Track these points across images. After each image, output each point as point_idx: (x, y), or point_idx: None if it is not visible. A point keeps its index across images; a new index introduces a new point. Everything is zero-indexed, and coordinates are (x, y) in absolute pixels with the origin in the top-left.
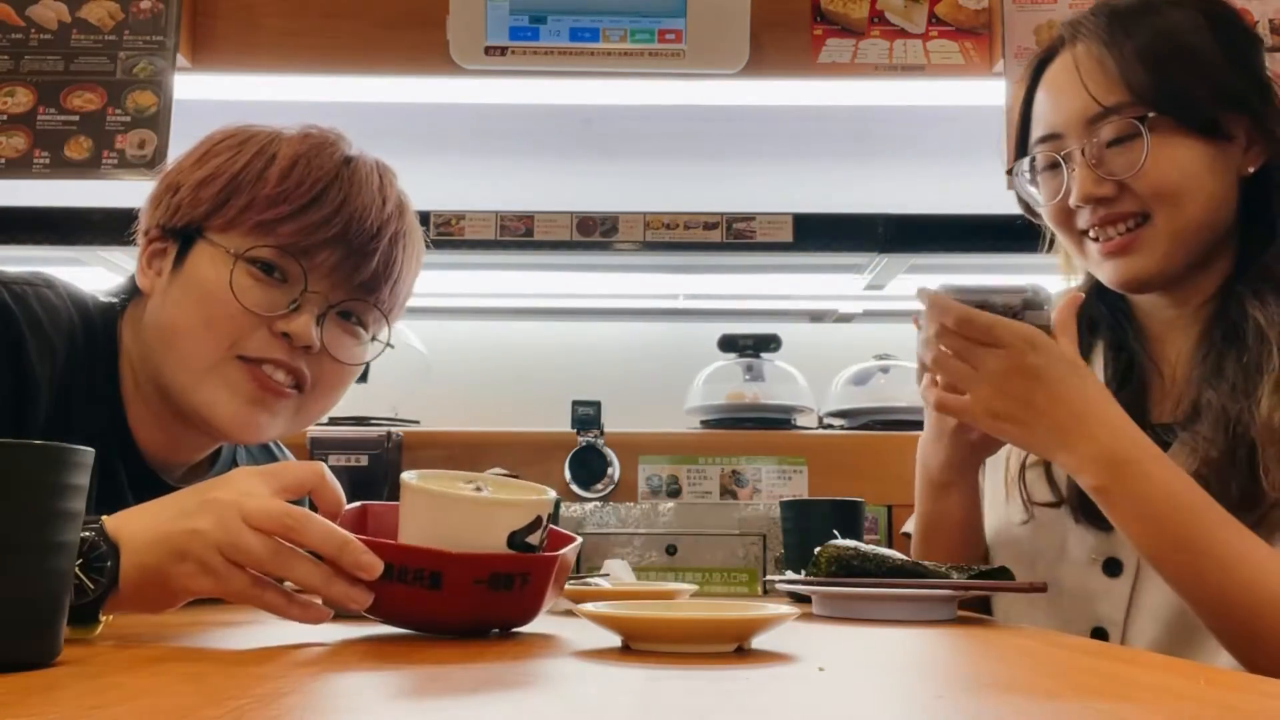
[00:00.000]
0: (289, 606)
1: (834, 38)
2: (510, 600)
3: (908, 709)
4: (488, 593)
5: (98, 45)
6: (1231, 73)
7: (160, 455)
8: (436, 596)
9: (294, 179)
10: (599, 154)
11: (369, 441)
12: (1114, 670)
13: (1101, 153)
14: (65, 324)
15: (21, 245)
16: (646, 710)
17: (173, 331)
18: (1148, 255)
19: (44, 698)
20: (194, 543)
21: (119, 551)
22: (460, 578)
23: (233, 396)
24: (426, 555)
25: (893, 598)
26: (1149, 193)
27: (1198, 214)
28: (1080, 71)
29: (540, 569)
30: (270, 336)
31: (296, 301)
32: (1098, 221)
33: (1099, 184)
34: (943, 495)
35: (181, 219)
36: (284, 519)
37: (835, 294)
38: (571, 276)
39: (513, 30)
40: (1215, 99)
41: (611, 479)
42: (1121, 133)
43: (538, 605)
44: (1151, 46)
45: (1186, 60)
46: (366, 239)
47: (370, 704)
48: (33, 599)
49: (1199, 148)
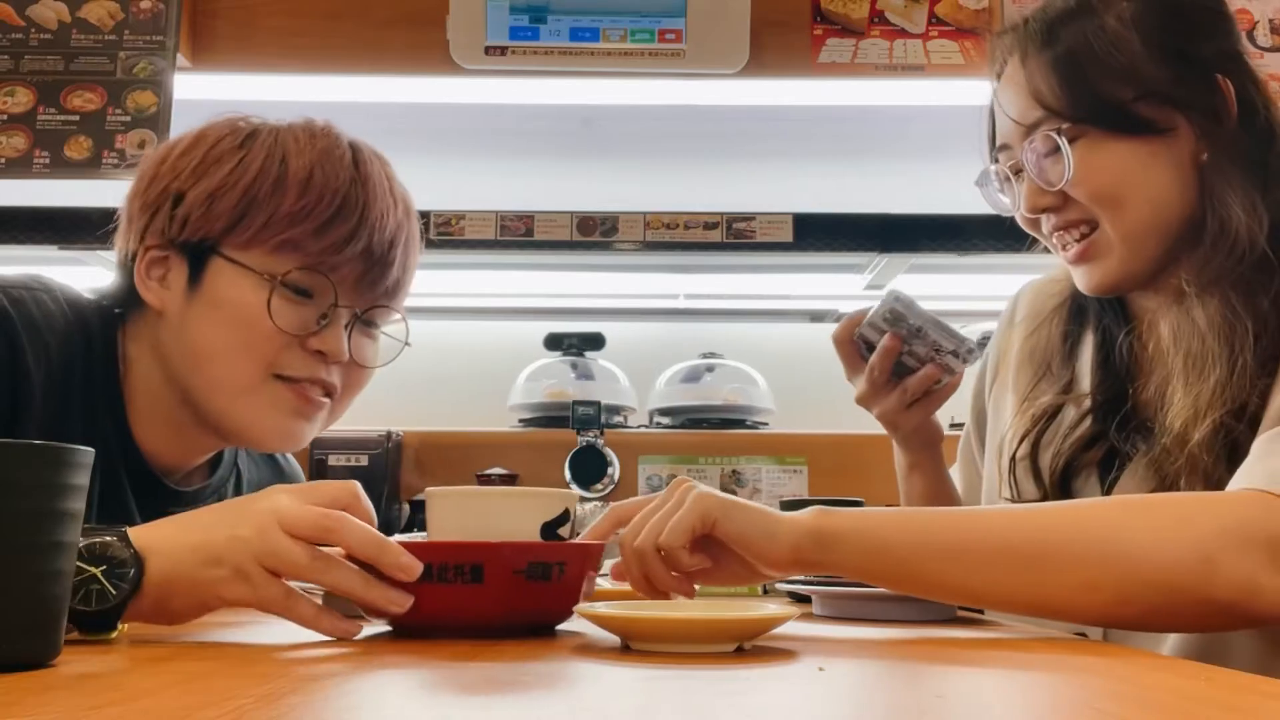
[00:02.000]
0: (319, 618)
1: (834, 38)
2: (547, 593)
3: (908, 709)
4: (525, 584)
5: (98, 45)
6: (1159, 65)
7: (163, 459)
8: (477, 592)
9: (314, 192)
10: (599, 154)
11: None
12: (1114, 670)
13: (1040, 163)
14: (61, 329)
15: (21, 245)
16: (646, 710)
17: (205, 356)
18: (1106, 261)
19: (44, 698)
20: (231, 548)
21: (143, 561)
22: (500, 568)
23: (276, 413)
24: (467, 549)
25: (893, 598)
26: (1088, 199)
27: (1144, 214)
28: (1004, 91)
29: (576, 556)
30: (305, 355)
31: (327, 317)
32: (1053, 230)
33: (1041, 195)
34: (909, 476)
35: (194, 234)
36: (322, 520)
37: (835, 294)
38: (571, 276)
39: (513, 30)
40: (1140, 95)
41: (611, 479)
42: (1048, 146)
43: (573, 600)
44: (1066, 53)
45: (1103, 62)
46: (386, 247)
47: (370, 704)
48: (33, 599)
49: (1130, 148)
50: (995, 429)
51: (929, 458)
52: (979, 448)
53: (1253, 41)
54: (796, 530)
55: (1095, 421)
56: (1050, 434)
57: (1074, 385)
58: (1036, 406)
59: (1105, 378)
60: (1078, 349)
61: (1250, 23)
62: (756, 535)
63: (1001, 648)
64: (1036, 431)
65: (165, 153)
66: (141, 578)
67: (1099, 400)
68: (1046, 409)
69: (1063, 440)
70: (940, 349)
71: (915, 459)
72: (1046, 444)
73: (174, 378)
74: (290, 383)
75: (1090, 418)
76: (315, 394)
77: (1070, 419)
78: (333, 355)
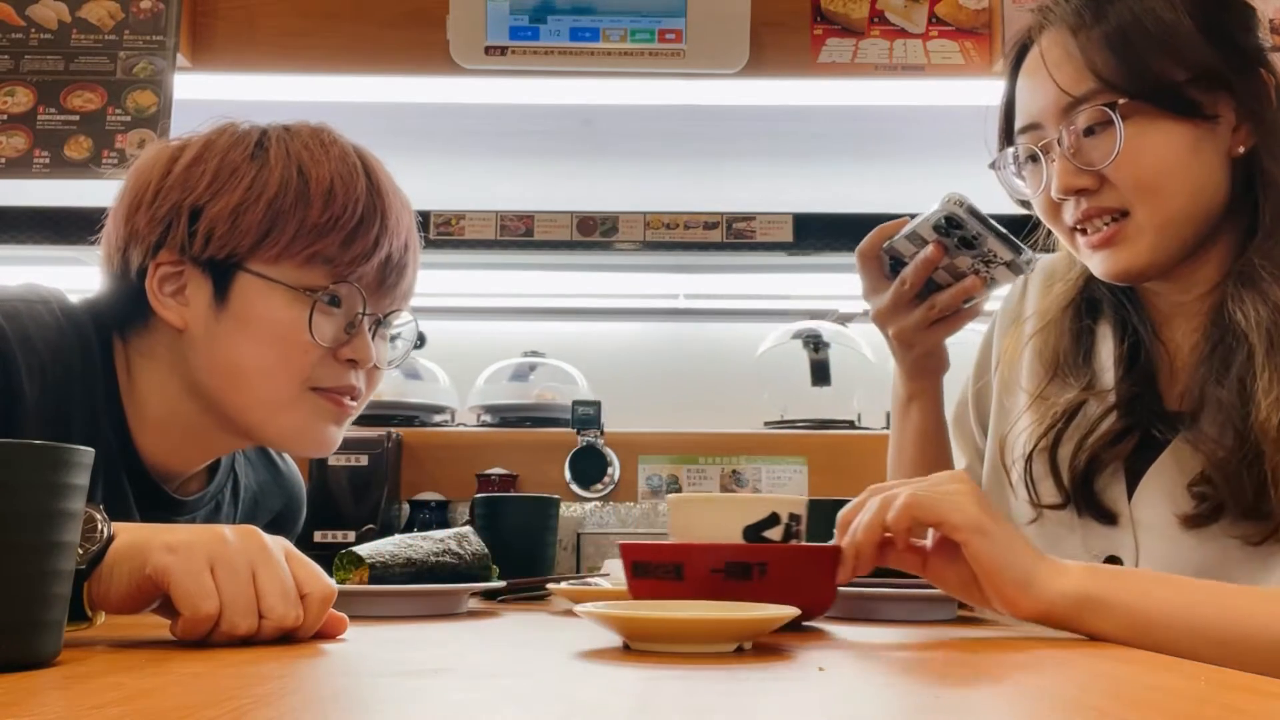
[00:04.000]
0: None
1: (834, 37)
2: (752, 591)
3: (908, 709)
4: (725, 582)
5: (98, 45)
6: (1210, 49)
7: (167, 467)
8: (681, 587)
9: (337, 203)
10: (599, 154)
11: (369, 441)
12: (1114, 670)
13: (1079, 142)
14: (56, 341)
15: (21, 245)
16: (646, 710)
17: (242, 373)
18: (1133, 248)
19: (44, 698)
20: (213, 541)
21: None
22: (698, 568)
23: (316, 422)
24: (668, 549)
25: (893, 598)
26: (1129, 184)
27: (1182, 203)
28: (1047, 61)
29: (777, 559)
30: (338, 365)
31: (354, 325)
32: (1082, 215)
33: (1078, 175)
34: (906, 411)
35: (218, 250)
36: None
37: (835, 294)
38: (571, 276)
39: (513, 30)
40: (1192, 79)
41: (611, 479)
42: (1094, 121)
43: (788, 599)
44: (1120, 29)
45: (1158, 40)
46: (402, 250)
47: (370, 704)
48: (33, 599)
49: (1179, 131)
50: (998, 424)
51: (931, 388)
52: (979, 430)
53: None
54: (1055, 591)
55: (1122, 416)
56: (1071, 432)
57: (1094, 382)
58: (1056, 405)
59: (1130, 372)
60: (1093, 346)
61: None
62: (1009, 578)
63: (1001, 648)
64: (1056, 431)
65: (166, 164)
66: (110, 540)
67: (1125, 395)
68: (1068, 407)
69: (1084, 437)
70: (992, 260)
71: (917, 388)
72: (1065, 442)
73: (199, 391)
74: (324, 392)
75: (1115, 413)
76: (347, 400)
77: (1093, 415)
78: (363, 362)
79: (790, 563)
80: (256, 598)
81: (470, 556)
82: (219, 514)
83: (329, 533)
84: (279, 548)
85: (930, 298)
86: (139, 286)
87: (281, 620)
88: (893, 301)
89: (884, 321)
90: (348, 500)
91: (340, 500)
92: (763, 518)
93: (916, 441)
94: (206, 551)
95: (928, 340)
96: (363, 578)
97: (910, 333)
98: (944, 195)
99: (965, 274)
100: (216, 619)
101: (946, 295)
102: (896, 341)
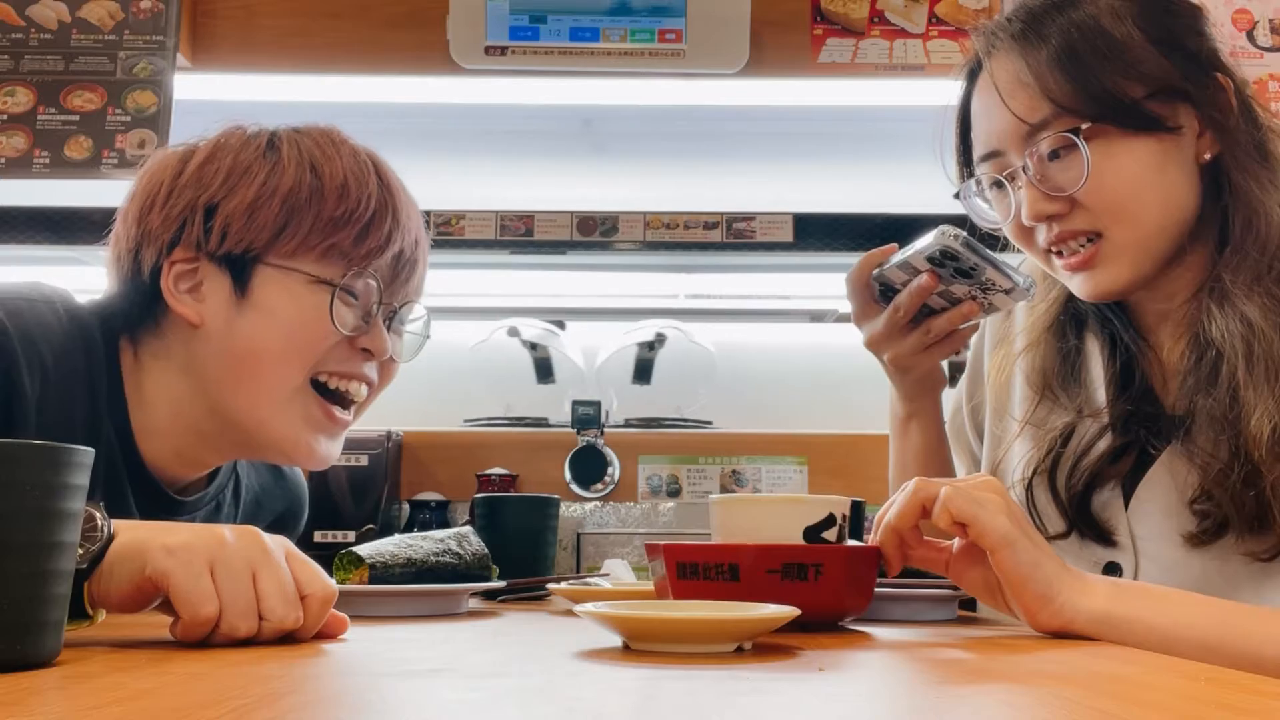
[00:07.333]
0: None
1: (834, 37)
2: (808, 591)
3: (908, 709)
4: (782, 583)
5: (98, 45)
6: (1163, 60)
7: (169, 469)
8: (736, 588)
9: (351, 198)
10: (599, 154)
11: (369, 441)
12: (1114, 670)
13: (1044, 168)
14: (60, 341)
15: (21, 245)
16: (646, 710)
17: (255, 360)
18: (1112, 268)
19: (44, 698)
20: (213, 542)
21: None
22: (754, 569)
23: (307, 428)
24: (723, 550)
25: (893, 598)
26: (1100, 207)
27: (1155, 218)
28: (999, 88)
29: (833, 560)
30: (350, 351)
31: (370, 316)
32: (1055, 239)
33: (1048, 202)
34: (906, 430)
35: (235, 245)
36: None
37: (835, 294)
38: (571, 276)
39: (513, 30)
40: (1150, 92)
41: (611, 479)
42: (1058, 145)
43: (840, 600)
44: (1068, 47)
45: (1109, 57)
46: (413, 245)
47: (370, 704)
48: (33, 599)
49: (1144, 148)
50: (991, 451)
51: (930, 405)
52: (976, 438)
53: (1252, 41)
54: (1078, 607)
55: (1118, 434)
56: (1067, 455)
57: (1086, 403)
58: (1053, 430)
59: (1125, 388)
60: (1082, 364)
61: (1250, 23)
62: (1033, 591)
63: (1001, 648)
64: (1053, 455)
65: (178, 165)
66: (111, 539)
67: (1122, 412)
68: (1064, 430)
69: (1081, 457)
70: (990, 287)
71: (916, 407)
72: (1061, 465)
73: (206, 392)
74: (324, 395)
75: (1110, 432)
76: (355, 389)
77: (1089, 435)
78: (378, 353)
79: (845, 563)
80: (256, 599)
81: (470, 556)
82: (219, 514)
83: (329, 533)
84: (279, 548)
85: (925, 322)
86: (151, 286)
87: (281, 622)
88: (886, 328)
89: (878, 348)
90: (348, 500)
91: (340, 500)
92: (822, 519)
93: (920, 458)
94: (206, 553)
95: (924, 363)
96: (363, 578)
97: (906, 358)
98: (938, 229)
99: (961, 299)
100: (216, 621)
101: (943, 320)
102: (893, 366)
